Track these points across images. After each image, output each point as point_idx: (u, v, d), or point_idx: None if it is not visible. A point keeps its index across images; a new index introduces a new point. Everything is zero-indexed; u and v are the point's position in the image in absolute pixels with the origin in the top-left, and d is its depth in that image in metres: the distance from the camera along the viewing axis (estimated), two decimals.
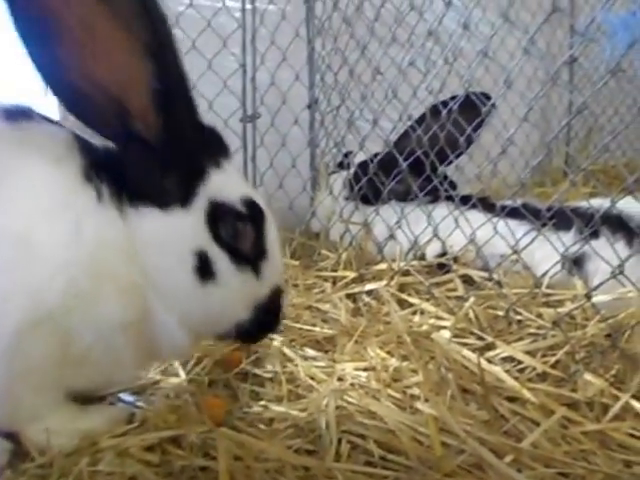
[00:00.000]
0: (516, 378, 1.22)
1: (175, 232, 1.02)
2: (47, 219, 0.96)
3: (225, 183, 1.07)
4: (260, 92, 2.30)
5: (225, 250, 1.04)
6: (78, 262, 0.95)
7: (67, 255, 0.95)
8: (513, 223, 1.61)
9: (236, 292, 1.07)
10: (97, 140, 1.06)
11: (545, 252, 1.51)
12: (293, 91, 2.37)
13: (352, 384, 1.25)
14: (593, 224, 1.39)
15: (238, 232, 1.06)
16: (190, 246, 1.02)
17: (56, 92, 0.97)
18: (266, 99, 2.32)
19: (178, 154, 1.02)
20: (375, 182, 2.01)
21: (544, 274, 1.48)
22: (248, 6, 2.24)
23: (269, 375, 1.33)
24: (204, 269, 1.03)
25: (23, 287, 0.93)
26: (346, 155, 2.35)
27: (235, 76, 2.20)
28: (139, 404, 1.19)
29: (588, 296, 1.33)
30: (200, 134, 1.06)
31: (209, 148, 1.08)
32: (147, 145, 1.00)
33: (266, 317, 1.13)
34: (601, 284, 1.32)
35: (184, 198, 1.02)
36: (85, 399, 1.12)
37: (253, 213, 1.09)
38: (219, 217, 1.04)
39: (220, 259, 1.04)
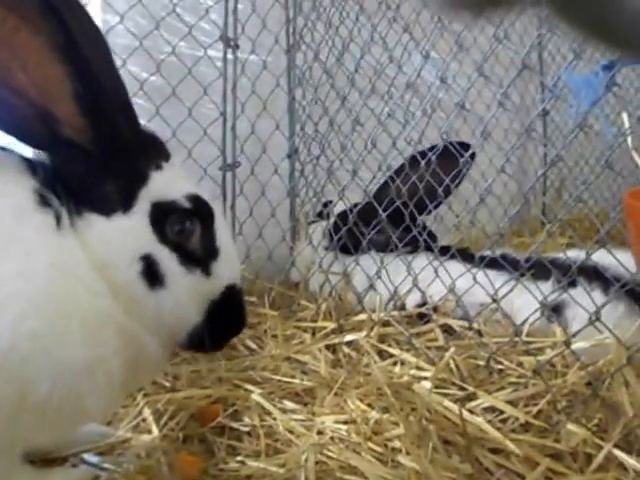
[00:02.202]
0: (499, 429, 1.20)
1: (119, 239, 0.98)
2: None
3: (168, 184, 1.04)
4: (240, 141, 2.31)
5: (173, 251, 1.01)
6: (28, 297, 0.88)
7: (12, 290, 0.87)
8: (492, 274, 1.62)
9: (186, 294, 1.02)
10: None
11: (524, 300, 1.52)
12: (273, 140, 2.39)
13: (332, 438, 1.22)
14: (570, 274, 1.40)
15: (185, 229, 1.03)
16: (136, 252, 0.99)
17: None
18: (246, 148, 2.34)
19: (114, 159, 1.00)
20: (355, 232, 2.01)
21: (524, 322, 1.48)
22: (229, 55, 2.26)
23: (247, 429, 1.30)
24: (152, 273, 0.99)
25: None
26: (325, 205, 2.35)
27: (215, 124, 2.21)
28: (105, 465, 1.11)
29: (567, 343, 1.33)
30: (137, 137, 1.04)
31: (148, 151, 1.06)
32: (82, 151, 0.98)
33: (222, 318, 1.08)
34: (579, 330, 1.32)
35: (125, 203, 1.00)
36: (44, 460, 1.06)
37: (199, 208, 1.06)
38: (164, 217, 1.02)
39: (168, 261, 1.00)
